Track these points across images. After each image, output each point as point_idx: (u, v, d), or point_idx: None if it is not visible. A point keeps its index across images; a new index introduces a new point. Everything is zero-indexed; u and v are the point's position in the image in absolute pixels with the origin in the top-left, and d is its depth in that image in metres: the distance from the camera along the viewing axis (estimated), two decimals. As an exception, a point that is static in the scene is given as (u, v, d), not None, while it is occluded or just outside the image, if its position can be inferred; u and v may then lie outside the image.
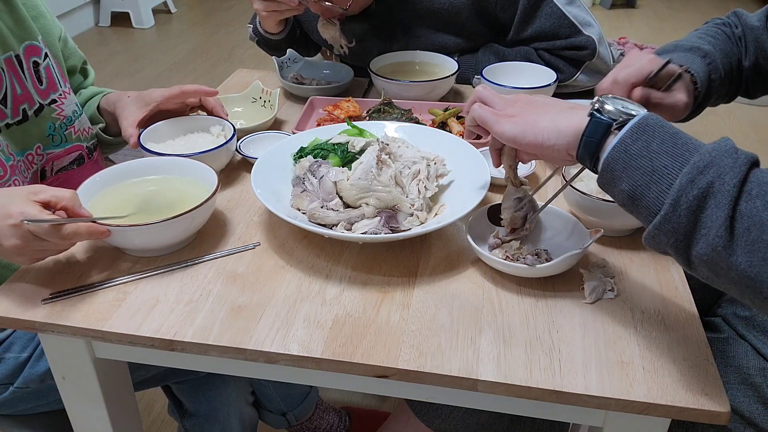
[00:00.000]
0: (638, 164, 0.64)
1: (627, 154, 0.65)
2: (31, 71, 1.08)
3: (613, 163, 0.66)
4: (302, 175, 0.97)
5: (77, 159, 1.16)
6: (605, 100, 0.70)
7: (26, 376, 1.00)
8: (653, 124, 0.65)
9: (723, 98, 1.05)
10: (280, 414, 1.47)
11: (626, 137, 0.65)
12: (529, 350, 0.75)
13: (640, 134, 0.65)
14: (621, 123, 0.67)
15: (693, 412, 0.68)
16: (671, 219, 0.61)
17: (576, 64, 1.41)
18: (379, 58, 1.44)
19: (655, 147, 0.63)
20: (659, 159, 0.63)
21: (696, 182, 0.60)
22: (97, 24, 4.75)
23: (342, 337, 0.77)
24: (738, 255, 0.58)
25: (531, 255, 0.87)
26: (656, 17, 4.99)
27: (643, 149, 0.64)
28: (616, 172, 0.66)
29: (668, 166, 0.62)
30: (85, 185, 0.93)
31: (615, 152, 0.65)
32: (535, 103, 0.78)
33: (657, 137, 0.64)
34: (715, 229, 0.58)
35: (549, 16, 1.38)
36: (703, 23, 1.10)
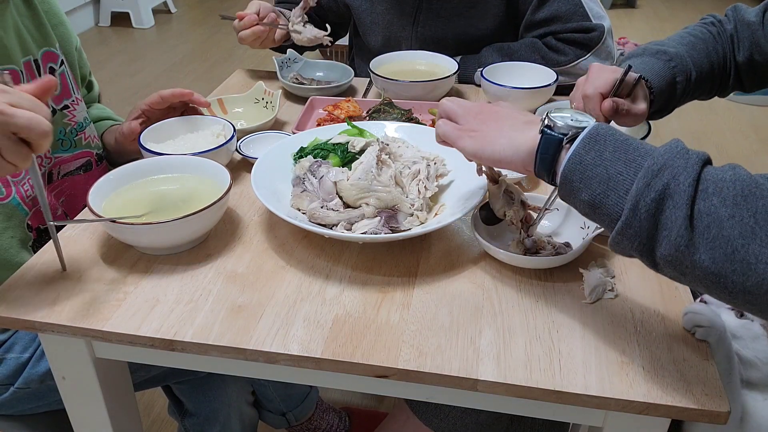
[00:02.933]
0: (594, 173, 0.65)
1: (582, 165, 0.66)
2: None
3: (570, 174, 0.67)
4: (302, 175, 0.97)
5: (85, 165, 1.16)
6: (555, 115, 0.71)
7: (27, 377, 1.00)
8: (603, 133, 0.66)
9: (706, 94, 1.09)
10: (280, 414, 1.47)
11: (579, 149, 0.66)
12: (529, 350, 0.75)
13: (592, 144, 0.66)
14: (572, 137, 0.68)
15: (693, 412, 0.68)
16: (632, 224, 0.62)
17: (584, 47, 1.43)
18: (379, 59, 1.44)
19: (608, 155, 0.64)
20: (614, 166, 0.64)
21: (652, 185, 0.61)
22: (97, 24, 4.75)
23: (342, 337, 0.77)
24: (700, 253, 0.59)
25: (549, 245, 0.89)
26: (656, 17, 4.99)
27: (597, 158, 0.65)
28: (574, 183, 0.67)
29: (623, 172, 0.63)
30: (99, 184, 0.93)
31: (570, 164, 0.67)
32: (496, 116, 0.79)
33: (609, 146, 0.65)
34: (675, 229, 0.59)
35: (566, 1, 1.43)
36: (699, 19, 1.12)
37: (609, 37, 1.44)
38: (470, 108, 0.82)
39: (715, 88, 1.08)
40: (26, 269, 0.88)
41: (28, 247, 1.04)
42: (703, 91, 1.07)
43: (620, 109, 0.92)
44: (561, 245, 0.89)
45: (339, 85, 1.42)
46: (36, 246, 1.05)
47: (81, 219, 0.99)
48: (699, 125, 3.32)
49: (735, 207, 0.58)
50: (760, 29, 1.03)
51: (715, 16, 1.11)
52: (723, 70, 1.06)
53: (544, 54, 1.44)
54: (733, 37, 1.06)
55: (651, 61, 1.01)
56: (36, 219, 1.06)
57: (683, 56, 1.02)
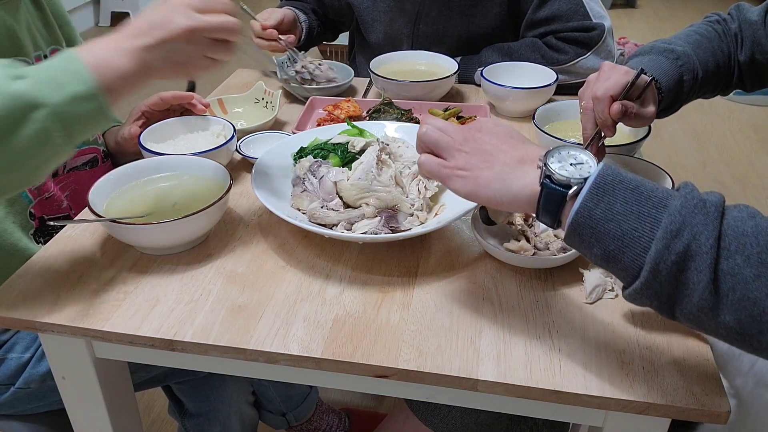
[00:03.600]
0: (606, 229, 0.61)
1: (592, 220, 0.61)
2: None
3: (578, 228, 0.63)
4: (302, 175, 0.97)
5: (91, 161, 1.17)
6: (551, 160, 0.67)
7: (27, 377, 1.00)
8: (611, 180, 0.62)
9: (711, 92, 1.09)
10: (280, 415, 1.47)
11: (587, 201, 0.62)
12: (529, 350, 0.75)
13: (600, 196, 0.61)
14: (576, 190, 0.64)
15: (693, 412, 0.68)
16: (652, 285, 0.59)
17: (584, 46, 1.43)
18: (379, 59, 1.44)
19: (619, 208, 0.60)
20: (627, 221, 0.60)
21: (672, 248, 0.57)
22: (97, 24, 4.75)
23: (342, 337, 0.77)
24: (725, 314, 0.57)
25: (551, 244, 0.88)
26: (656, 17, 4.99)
27: (607, 212, 0.61)
28: (583, 237, 0.63)
29: (638, 228, 0.59)
30: (99, 184, 0.93)
31: (578, 218, 0.62)
32: (483, 148, 0.72)
33: (619, 196, 0.61)
34: (698, 291, 0.57)
35: (567, 1, 1.43)
36: (704, 17, 1.12)
37: (609, 37, 1.44)
38: (453, 138, 0.74)
39: (719, 86, 1.08)
40: (26, 269, 0.88)
41: (30, 236, 1.05)
42: (707, 90, 1.06)
43: (629, 112, 0.90)
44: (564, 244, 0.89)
45: (339, 85, 1.42)
46: (37, 235, 1.06)
47: (81, 219, 0.99)
48: (699, 125, 3.32)
49: (760, 266, 0.55)
50: (762, 28, 1.04)
51: (719, 15, 1.11)
52: (728, 69, 1.06)
53: (545, 53, 1.44)
54: (737, 36, 1.06)
55: (659, 60, 1.00)
56: (39, 208, 1.07)
57: (690, 55, 1.01)
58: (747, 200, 2.71)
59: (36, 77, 0.72)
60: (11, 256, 0.99)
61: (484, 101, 1.37)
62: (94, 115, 0.75)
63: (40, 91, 0.71)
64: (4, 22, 0.99)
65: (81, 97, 0.73)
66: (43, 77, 0.73)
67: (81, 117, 0.74)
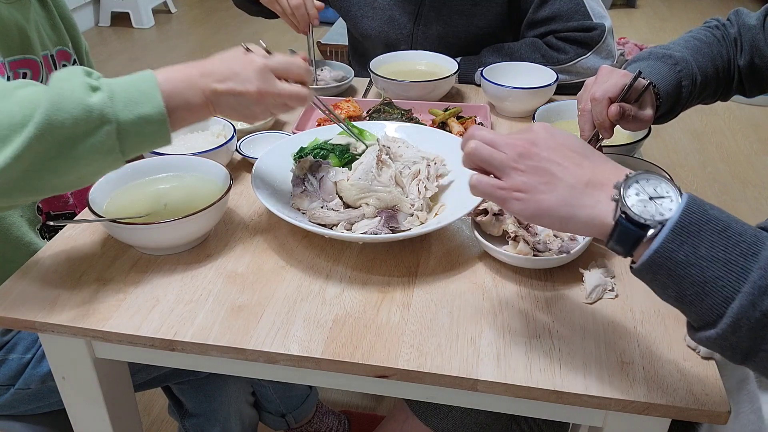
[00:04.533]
0: (686, 273, 0.56)
1: (672, 262, 0.56)
2: None
3: (655, 267, 0.57)
4: (302, 175, 0.97)
5: None
6: (629, 192, 0.60)
7: (27, 378, 1.00)
8: (696, 219, 0.56)
9: (710, 98, 1.08)
10: (279, 416, 1.47)
11: (669, 242, 0.56)
12: (529, 350, 0.75)
13: (684, 238, 0.56)
14: (655, 233, 0.58)
15: (693, 412, 0.68)
16: (729, 338, 0.56)
17: (584, 46, 1.43)
18: (379, 59, 1.44)
19: (704, 252, 0.55)
20: (711, 268, 0.55)
21: (758, 305, 0.54)
22: (97, 24, 4.75)
23: (342, 337, 0.77)
24: None
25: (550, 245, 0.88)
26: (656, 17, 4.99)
27: (690, 255, 0.55)
28: (658, 277, 0.58)
29: (723, 277, 0.55)
30: (99, 184, 0.93)
31: (657, 258, 0.57)
32: (543, 165, 0.64)
33: (705, 239, 0.55)
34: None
35: (567, 0, 1.43)
36: (703, 23, 1.12)
37: (610, 37, 1.45)
38: (506, 154, 0.66)
39: (719, 92, 1.08)
40: (26, 269, 0.88)
41: (36, 230, 1.06)
42: (707, 95, 1.06)
43: (627, 114, 0.91)
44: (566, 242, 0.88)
45: (339, 85, 1.42)
46: (43, 230, 1.06)
47: (81, 219, 0.99)
48: (699, 125, 3.32)
49: None
50: (761, 33, 1.03)
51: (718, 20, 1.11)
52: (727, 74, 1.06)
53: (545, 53, 1.44)
54: (736, 41, 1.06)
55: (657, 65, 1.00)
56: (47, 203, 1.07)
57: (689, 60, 1.01)
58: (747, 200, 2.71)
59: (111, 92, 0.75)
60: (16, 249, 0.99)
61: (484, 101, 1.37)
62: (155, 136, 0.78)
63: (113, 107, 0.74)
64: (15, 21, 1.00)
65: (148, 119, 0.76)
66: (117, 93, 0.75)
67: (143, 137, 0.77)
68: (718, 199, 2.70)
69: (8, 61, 0.99)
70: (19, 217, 1.02)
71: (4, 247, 0.99)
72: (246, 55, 0.83)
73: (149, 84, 0.77)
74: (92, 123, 0.73)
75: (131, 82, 0.77)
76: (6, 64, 0.99)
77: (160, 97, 0.76)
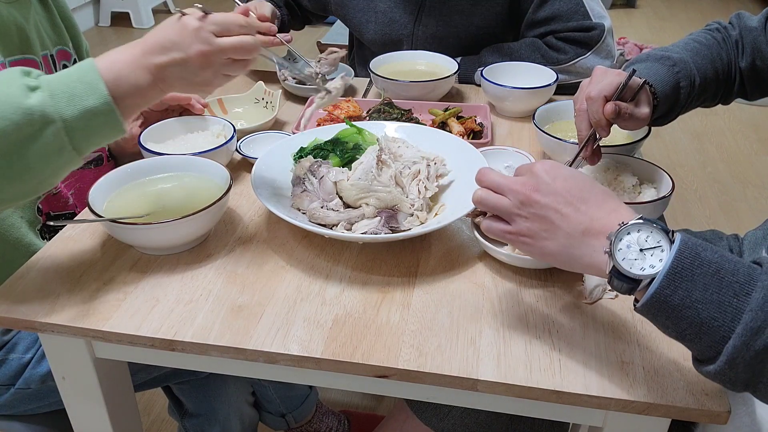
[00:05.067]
0: (682, 315, 0.59)
1: (668, 306, 0.59)
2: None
3: (653, 310, 0.61)
4: (302, 175, 0.97)
5: (95, 159, 1.18)
6: (619, 246, 0.62)
7: (27, 377, 1.00)
8: (689, 264, 0.58)
9: (711, 101, 1.08)
10: (279, 416, 1.47)
11: (663, 288, 0.59)
12: (529, 350, 0.75)
13: (678, 283, 0.58)
14: (646, 285, 0.61)
15: (693, 412, 0.68)
16: (727, 374, 0.59)
17: (584, 46, 1.44)
18: (379, 59, 1.44)
19: (697, 295, 0.58)
20: (706, 310, 0.58)
21: (751, 345, 0.56)
22: (97, 24, 4.75)
23: (342, 337, 0.77)
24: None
25: None
26: (656, 17, 4.99)
27: (685, 299, 0.58)
28: (658, 318, 0.61)
29: (717, 318, 0.57)
30: (99, 184, 0.93)
31: (654, 302, 0.60)
32: (542, 213, 0.68)
33: (698, 282, 0.58)
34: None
35: (567, 0, 1.43)
36: (704, 25, 1.12)
37: (609, 37, 1.45)
38: (510, 201, 0.70)
39: (719, 94, 1.08)
40: (27, 269, 0.88)
41: (36, 230, 1.06)
42: (707, 98, 1.06)
43: (623, 113, 0.91)
44: None
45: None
46: (43, 231, 1.06)
47: (81, 219, 0.99)
48: (699, 125, 3.32)
49: None
50: (762, 35, 1.03)
51: (720, 23, 1.11)
52: (728, 77, 1.06)
53: (545, 53, 1.44)
54: (738, 43, 1.06)
55: (655, 67, 1.00)
56: (47, 204, 1.07)
57: (687, 62, 1.01)
58: (747, 200, 2.71)
59: (51, 89, 0.73)
60: (16, 250, 0.99)
61: (484, 101, 1.37)
62: (106, 129, 0.76)
63: (54, 106, 0.72)
64: (14, 21, 1.00)
65: (95, 111, 0.73)
66: (58, 89, 0.73)
67: (93, 131, 0.75)
68: (718, 199, 2.70)
69: (8, 61, 0.99)
70: (19, 218, 1.02)
71: (4, 247, 0.99)
72: (180, 21, 0.79)
73: (91, 75, 0.74)
74: (35, 125, 0.71)
75: (72, 75, 0.74)
76: (6, 64, 0.99)
77: (103, 87, 0.74)
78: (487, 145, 1.16)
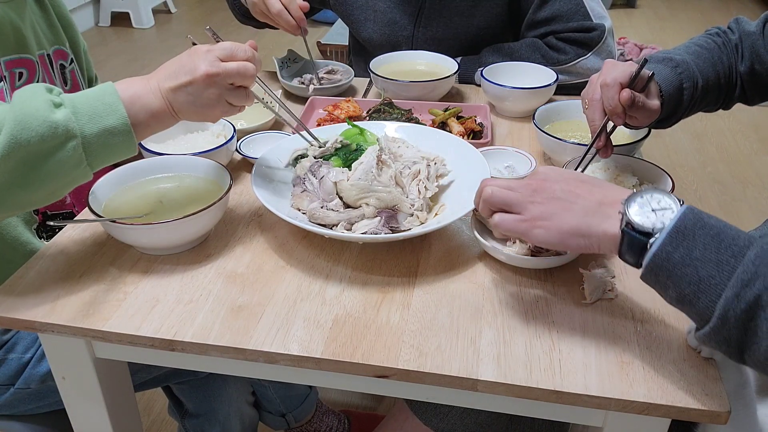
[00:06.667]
0: (683, 273, 0.61)
1: (670, 263, 0.62)
2: (58, 71, 1.13)
3: (655, 269, 0.63)
4: (302, 175, 0.97)
5: None
6: (632, 205, 0.66)
7: (27, 377, 1.00)
8: (692, 225, 0.62)
9: (713, 104, 1.09)
10: (279, 415, 1.47)
11: (666, 245, 0.62)
12: (529, 350, 0.75)
13: (680, 240, 0.61)
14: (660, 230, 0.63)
15: (693, 412, 0.68)
16: (720, 332, 0.60)
17: (584, 46, 1.44)
18: (379, 59, 1.44)
19: (698, 254, 0.61)
20: (705, 268, 0.60)
21: (742, 296, 0.58)
22: (97, 24, 4.75)
23: (342, 337, 0.77)
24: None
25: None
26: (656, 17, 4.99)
27: (685, 257, 0.61)
28: (660, 278, 0.64)
29: (715, 275, 0.60)
30: (99, 184, 0.93)
31: (656, 260, 0.63)
32: (557, 195, 0.72)
33: (699, 242, 0.61)
34: (766, 340, 0.58)
35: (567, 1, 1.43)
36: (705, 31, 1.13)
37: (610, 37, 1.45)
38: (521, 192, 0.74)
39: (721, 98, 1.08)
40: (26, 269, 0.88)
41: (33, 230, 1.06)
42: (709, 101, 1.07)
43: (636, 101, 0.91)
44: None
45: (339, 85, 1.42)
46: (40, 230, 1.06)
47: (81, 219, 0.99)
48: (699, 125, 3.32)
49: None
50: (760, 39, 1.04)
51: (719, 28, 1.12)
52: (729, 80, 1.06)
53: (545, 53, 1.44)
54: (737, 47, 1.06)
55: (658, 68, 1.00)
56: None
57: (689, 63, 1.02)
58: (747, 200, 2.71)
59: (74, 106, 0.77)
60: (13, 249, 1.00)
61: (484, 101, 1.37)
62: (121, 147, 0.81)
63: (77, 122, 0.77)
64: (10, 20, 1.00)
65: (113, 131, 0.79)
66: (80, 107, 0.77)
67: (109, 149, 0.79)
68: (718, 199, 2.70)
69: (4, 61, 0.99)
70: (15, 217, 1.02)
71: (2, 247, 0.99)
72: (191, 48, 0.85)
73: (111, 96, 0.79)
74: (58, 139, 0.75)
75: (93, 95, 0.79)
76: (2, 64, 0.99)
77: (122, 108, 0.79)
78: (487, 145, 1.16)
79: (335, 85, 1.42)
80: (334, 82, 1.44)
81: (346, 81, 1.43)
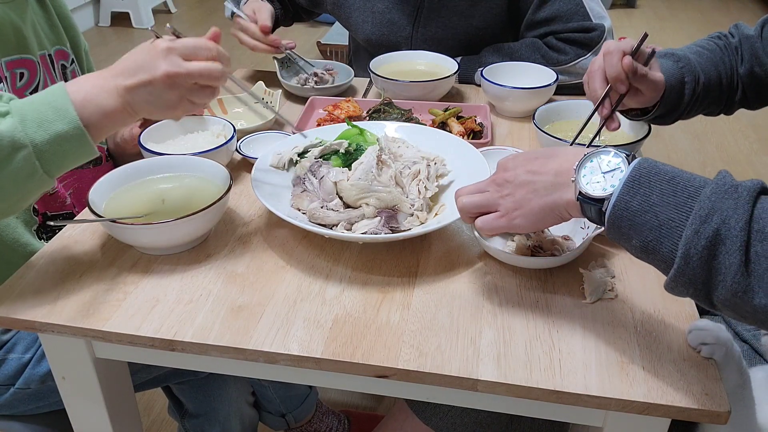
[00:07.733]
0: (643, 220, 0.62)
1: (629, 212, 0.63)
2: (59, 72, 1.13)
3: (617, 221, 0.64)
4: (302, 175, 0.97)
5: (95, 159, 1.17)
6: (582, 173, 0.67)
7: (27, 377, 1.00)
8: (646, 172, 0.63)
9: (714, 106, 1.09)
10: (279, 416, 1.47)
11: (624, 194, 0.63)
12: (529, 350, 0.75)
13: (636, 188, 0.62)
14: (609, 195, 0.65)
15: (693, 412, 0.68)
16: (685, 272, 0.60)
17: (584, 46, 1.44)
18: (379, 59, 1.44)
19: (655, 199, 0.61)
20: (664, 212, 0.61)
21: (701, 232, 0.58)
22: (97, 24, 4.75)
23: (342, 337, 0.77)
24: (760, 297, 0.56)
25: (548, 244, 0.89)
26: (656, 17, 4.99)
27: (644, 204, 0.62)
28: (622, 229, 0.64)
29: (674, 218, 0.60)
30: (99, 184, 0.93)
31: (616, 211, 0.64)
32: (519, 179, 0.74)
33: (655, 188, 0.62)
34: (731, 275, 0.57)
35: (567, 1, 1.43)
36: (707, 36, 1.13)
37: (610, 37, 1.45)
38: (492, 189, 0.77)
39: (722, 100, 1.08)
40: (26, 269, 0.88)
41: (32, 231, 1.06)
42: (711, 101, 1.07)
43: (639, 72, 0.91)
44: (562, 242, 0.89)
45: (339, 85, 1.42)
46: (40, 231, 1.06)
47: (81, 219, 0.99)
48: (699, 125, 3.32)
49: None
50: (759, 41, 1.04)
51: (720, 32, 1.12)
52: (730, 82, 1.06)
53: (545, 53, 1.44)
54: (737, 50, 1.07)
55: (660, 60, 1.01)
56: (43, 204, 1.07)
57: (691, 59, 1.02)
58: (747, 200, 2.71)
59: (22, 114, 0.73)
60: (13, 251, 1.00)
61: (484, 101, 1.37)
62: (77, 152, 0.76)
63: (24, 131, 0.73)
64: (10, 21, 1.00)
65: (65, 136, 0.74)
66: (28, 115, 0.74)
67: (64, 155, 0.76)
68: (718, 199, 2.69)
69: (4, 61, 0.99)
70: (15, 218, 1.02)
71: (1, 248, 0.99)
72: (151, 44, 0.79)
73: (61, 99, 0.75)
74: (4, 151, 0.72)
75: (42, 100, 0.75)
76: (2, 64, 0.99)
77: (73, 111, 0.75)
78: (487, 145, 1.16)
79: (335, 85, 1.42)
80: (325, 82, 1.44)
81: (346, 81, 1.43)
